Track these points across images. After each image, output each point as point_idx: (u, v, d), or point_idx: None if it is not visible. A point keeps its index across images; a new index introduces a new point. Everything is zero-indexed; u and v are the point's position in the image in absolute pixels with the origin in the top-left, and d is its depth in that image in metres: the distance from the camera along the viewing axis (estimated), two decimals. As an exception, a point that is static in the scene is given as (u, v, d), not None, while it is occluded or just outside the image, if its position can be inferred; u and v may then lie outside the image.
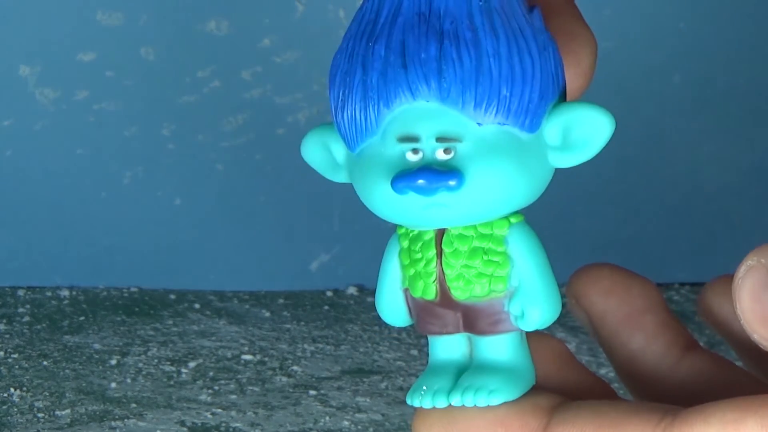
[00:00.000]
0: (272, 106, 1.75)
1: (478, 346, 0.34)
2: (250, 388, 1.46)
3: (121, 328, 1.65)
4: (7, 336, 1.60)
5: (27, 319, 1.67)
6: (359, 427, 1.36)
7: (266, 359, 1.56)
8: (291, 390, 1.46)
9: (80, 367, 1.50)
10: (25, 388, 1.43)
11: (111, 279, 1.79)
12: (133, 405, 1.40)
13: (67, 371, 1.49)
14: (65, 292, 1.76)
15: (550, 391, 0.34)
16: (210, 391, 1.45)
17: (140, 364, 1.52)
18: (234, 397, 1.43)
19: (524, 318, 0.33)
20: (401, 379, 1.50)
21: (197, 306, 1.74)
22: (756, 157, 1.81)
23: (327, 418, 1.38)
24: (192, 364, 1.53)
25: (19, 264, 1.77)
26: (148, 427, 1.34)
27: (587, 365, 0.38)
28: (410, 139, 0.32)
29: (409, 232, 0.34)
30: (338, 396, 1.45)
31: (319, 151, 0.34)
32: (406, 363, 1.56)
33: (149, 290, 1.78)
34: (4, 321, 1.65)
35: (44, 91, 1.71)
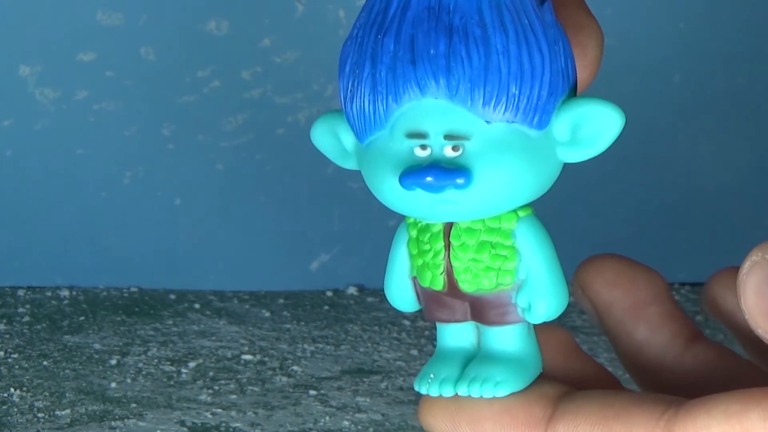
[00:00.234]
0: (272, 106, 1.75)
1: (486, 335, 0.34)
2: (250, 388, 1.46)
3: (121, 328, 1.65)
4: (7, 336, 1.60)
5: (27, 319, 1.66)
6: (359, 427, 1.36)
7: (266, 359, 1.55)
8: (291, 390, 1.46)
9: (80, 367, 1.50)
10: (25, 388, 1.43)
11: (111, 279, 1.79)
12: (133, 405, 1.40)
13: (67, 371, 1.49)
14: (65, 292, 1.76)
15: (556, 381, 0.34)
16: (210, 391, 1.45)
17: (140, 364, 1.52)
18: (234, 397, 1.43)
19: (531, 310, 0.33)
20: (401, 379, 1.50)
21: (197, 306, 1.74)
22: (756, 157, 1.81)
23: (327, 418, 1.38)
24: (192, 364, 1.53)
25: (19, 264, 1.77)
26: (148, 427, 1.34)
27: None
28: (418, 135, 0.32)
29: (417, 222, 0.34)
30: (338, 396, 1.45)
31: (328, 138, 0.34)
32: (406, 363, 1.55)
33: (149, 290, 1.78)
34: (4, 321, 1.65)
35: (44, 91, 1.71)
